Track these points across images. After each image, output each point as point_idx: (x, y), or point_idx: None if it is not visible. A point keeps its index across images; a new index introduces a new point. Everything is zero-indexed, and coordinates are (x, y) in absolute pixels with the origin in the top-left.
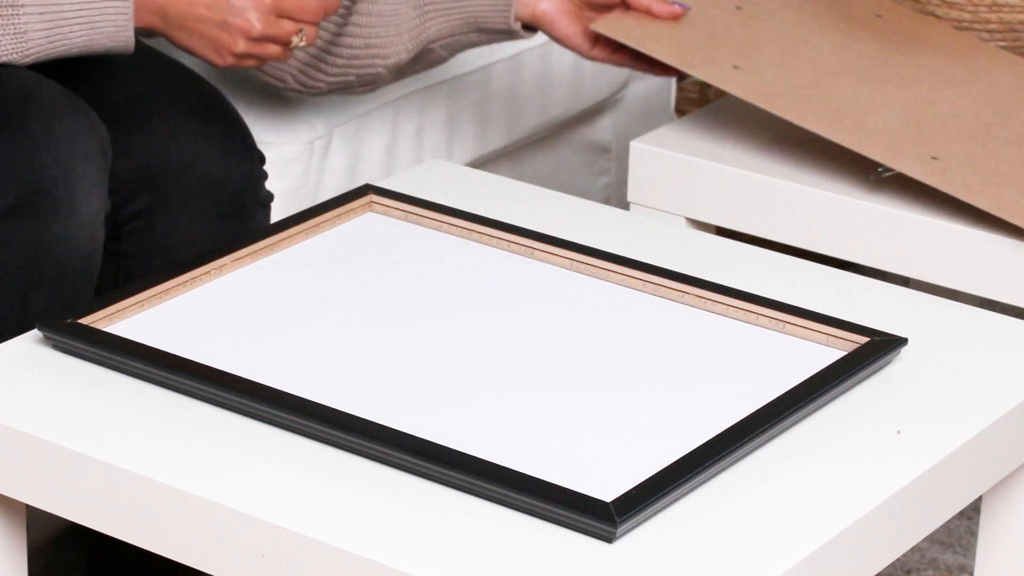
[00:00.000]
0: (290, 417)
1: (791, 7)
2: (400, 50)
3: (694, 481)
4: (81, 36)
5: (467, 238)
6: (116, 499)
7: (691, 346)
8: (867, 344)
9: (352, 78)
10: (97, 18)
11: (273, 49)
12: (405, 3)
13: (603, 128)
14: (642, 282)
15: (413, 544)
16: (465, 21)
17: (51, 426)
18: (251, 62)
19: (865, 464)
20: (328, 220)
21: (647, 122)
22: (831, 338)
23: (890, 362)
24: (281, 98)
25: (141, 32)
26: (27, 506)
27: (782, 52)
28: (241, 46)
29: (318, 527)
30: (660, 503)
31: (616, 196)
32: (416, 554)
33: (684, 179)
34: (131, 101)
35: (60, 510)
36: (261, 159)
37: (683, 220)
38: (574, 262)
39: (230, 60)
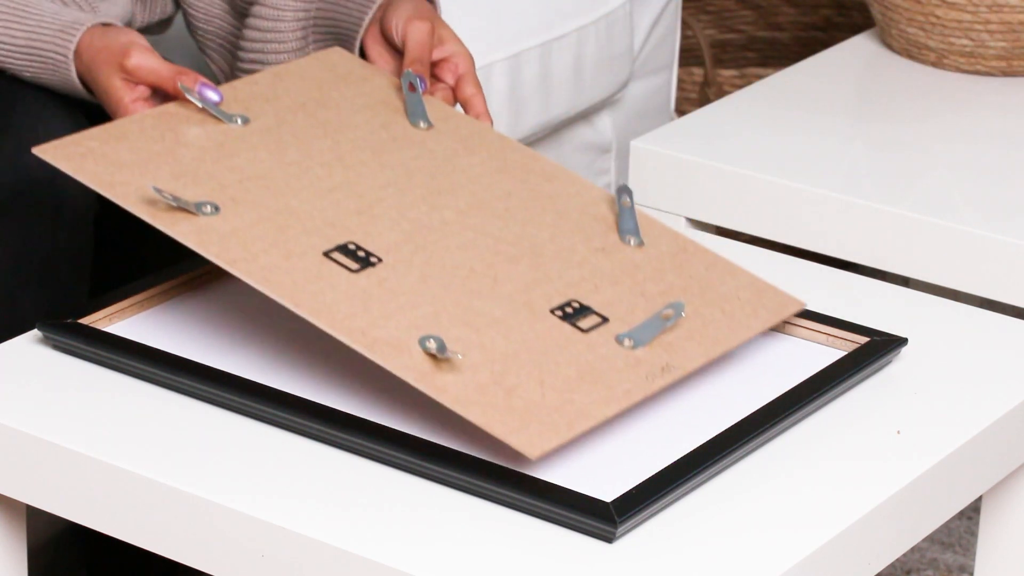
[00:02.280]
0: (290, 417)
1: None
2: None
3: (694, 481)
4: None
5: None
6: (116, 499)
7: None
8: (867, 344)
9: None
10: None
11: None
12: (288, 27)
13: (603, 128)
14: None
15: (413, 544)
16: (338, 44)
17: (51, 426)
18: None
19: (865, 464)
20: None
21: (647, 122)
22: (831, 338)
23: (890, 362)
24: None
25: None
26: (27, 506)
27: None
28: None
29: (318, 527)
30: (660, 503)
31: None
32: (416, 554)
33: (684, 179)
34: None
35: (60, 510)
36: None
37: (683, 220)
38: None
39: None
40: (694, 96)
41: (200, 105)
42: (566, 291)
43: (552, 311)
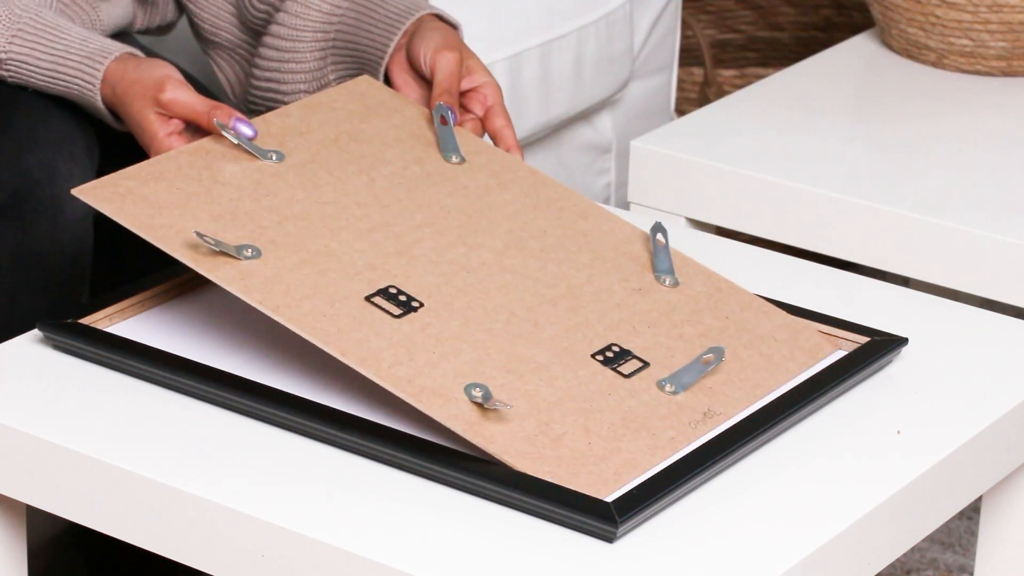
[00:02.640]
0: (290, 417)
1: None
2: (300, 88)
3: (694, 481)
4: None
5: None
6: (116, 499)
7: None
8: (867, 344)
9: (262, 108)
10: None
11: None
12: (307, 47)
13: (603, 128)
14: None
15: (413, 544)
16: (359, 68)
17: (51, 426)
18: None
19: (865, 464)
20: None
21: (647, 122)
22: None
23: (890, 362)
24: None
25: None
26: (27, 506)
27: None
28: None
29: (318, 527)
30: (660, 503)
31: (616, 196)
32: (416, 554)
33: (684, 179)
34: None
35: (60, 510)
36: None
37: (683, 220)
38: None
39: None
40: (694, 96)
41: (235, 141)
42: (605, 335)
43: (593, 356)
